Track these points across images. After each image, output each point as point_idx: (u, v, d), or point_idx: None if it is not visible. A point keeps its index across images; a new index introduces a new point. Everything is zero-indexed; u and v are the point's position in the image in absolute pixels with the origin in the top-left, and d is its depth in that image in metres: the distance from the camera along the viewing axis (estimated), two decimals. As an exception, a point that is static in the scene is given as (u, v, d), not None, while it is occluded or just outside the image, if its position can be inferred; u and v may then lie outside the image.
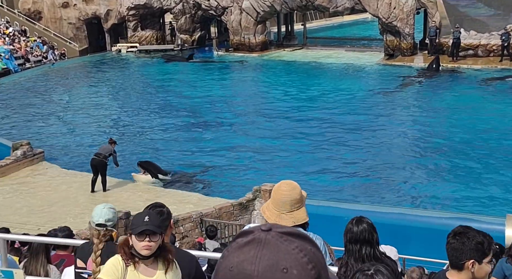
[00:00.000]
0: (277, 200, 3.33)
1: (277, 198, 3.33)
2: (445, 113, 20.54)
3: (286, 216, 3.29)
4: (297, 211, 3.33)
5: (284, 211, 3.30)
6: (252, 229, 1.25)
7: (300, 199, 3.35)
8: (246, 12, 34.60)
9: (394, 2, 29.36)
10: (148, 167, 15.22)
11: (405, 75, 26.70)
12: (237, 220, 12.36)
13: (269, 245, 1.20)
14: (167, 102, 24.49)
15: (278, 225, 1.25)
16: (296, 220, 3.30)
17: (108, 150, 14.27)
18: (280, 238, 1.21)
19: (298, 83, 26.81)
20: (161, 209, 3.86)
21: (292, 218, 3.29)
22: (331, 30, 43.67)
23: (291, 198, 3.29)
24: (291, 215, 3.29)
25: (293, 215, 3.30)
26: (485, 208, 12.44)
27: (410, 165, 15.60)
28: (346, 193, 13.98)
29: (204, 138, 19.13)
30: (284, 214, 3.30)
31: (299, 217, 3.31)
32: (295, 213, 3.31)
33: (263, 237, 1.21)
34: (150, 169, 15.16)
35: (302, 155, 16.86)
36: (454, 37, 27.45)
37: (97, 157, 14.20)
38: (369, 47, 34.76)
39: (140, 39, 38.30)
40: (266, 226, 1.24)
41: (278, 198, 3.33)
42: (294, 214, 3.30)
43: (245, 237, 1.23)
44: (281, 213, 3.30)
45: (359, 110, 21.33)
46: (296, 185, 3.39)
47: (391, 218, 8.39)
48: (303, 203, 3.38)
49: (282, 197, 3.31)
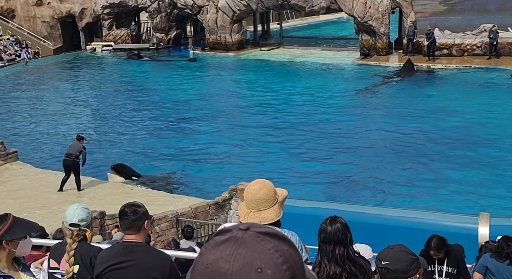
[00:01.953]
0: (246, 198, 3.36)
1: (246, 196, 3.36)
2: (419, 112, 20.77)
3: (254, 214, 3.30)
4: (265, 211, 3.31)
5: (252, 210, 3.31)
6: (231, 228, 1.25)
7: (268, 199, 3.32)
8: (222, 11, 34.53)
9: (370, 2, 29.59)
10: (121, 170, 15.17)
11: (380, 74, 26.94)
12: (213, 220, 12.33)
13: (245, 244, 1.21)
14: (141, 101, 24.33)
15: (256, 225, 1.26)
16: (263, 219, 3.28)
17: (78, 148, 14.02)
18: (257, 238, 1.22)
19: (274, 82, 26.86)
20: (135, 208, 3.82)
21: (259, 217, 3.29)
22: (307, 30, 43.83)
23: (256, 197, 3.29)
24: (258, 214, 3.29)
25: (261, 214, 3.29)
26: (459, 207, 12.61)
27: (385, 163, 15.74)
28: (322, 192, 14.05)
29: (179, 137, 19.05)
30: (252, 212, 3.31)
31: (266, 217, 3.30)
32: (263, 212, 3.30)
33: (240, 236, 1.22)
34: (123, 171, 15.09)
35: (279, 153, 16.89)
36: (428, 38, 27.77)
37: (68, 158, 13.97)
38: (345, 46, 34.96)
39: (115, 38, 37.95)
40: (244, 225, 1.25)
41: (246, 197, 3.36)
42: (262, 213, 3.30)
43: (222, 235, 1.24)
44: (250, 212, 3.31)
45: (334, 109, 21.47)
46: (266, 184, 3.36)
47: (366, 216, 8.46)
48: (273, 203, 3.34)
49: (250, 196, 3.33)
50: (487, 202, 12.81)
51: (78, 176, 14.06)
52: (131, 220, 3.74)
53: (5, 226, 3.23)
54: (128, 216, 3.75)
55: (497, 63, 26.64)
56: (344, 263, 3.64)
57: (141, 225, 3.76)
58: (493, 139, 17.08)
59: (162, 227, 11.75)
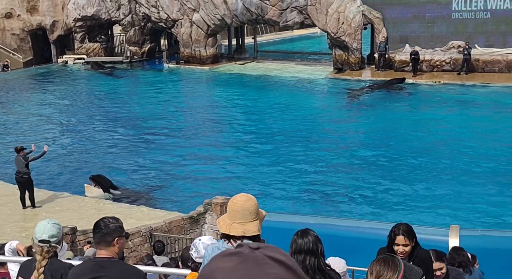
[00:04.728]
0: (231, 209, 3.35)
1: (231, 207, 3.36)
2: (390, 125, 21.04)
3: (237, 225, 3.29)
4: (249, 223, 3.32)
5: (236, 221, 3.30)
6: (243, 244, 1.25)
7: (253, 212, 3.34)
8: (197, 25, 34.60)
9: (342, 18, 29.99)
10: (99, 180, 15.03)
11: (352, 88, 27.23)
12: (188, 234, 12.22)
13: (248, 262, 1.19)
14: (115, 115, 24.13)
15: (269, 248, 1.24)
16: (246, 231, 3.30)
17: (21, 163, 13.58)
18: (263, 260, 1.19)
19: (248, 96, 26.93)
20: (108, 222, 3.75)
21: (242, 228, 3.29)
22: (281, 44, 44.17)
23: (243, 208, 3.30)
24: (242, 225, 3.29)
25: (245, 226, 3.30)
26: (430, 219, 12.75)
27: (357, 176, 15.85)
28: (295, 205, 14.06)
29: (152, 151, 18.91)
30: (236, 223, 3.30)
31: (249, 229, 3.31)
32: (247, 224, 3.31)
33: (247, 253, 1.21)
34: (101, 183, 14.96)
35: (254, 167, 16.89)
36: (413, 53, 28.17)
37: (17, 176, 13.62)
38: (318, 61, 35.30)
39: (88, 51, 37.68)
40: (255, 245, 1.23)
41: (232, 207, 3.35)
42: (246, 225, 3.30)
43: (233, 249, 1.23)
44: (233, 223, 3.30)
45: (308, 123, 21.60)
46: (252, 197, 3.40)
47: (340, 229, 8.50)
48: (256, 216, 3.36)
49: (236, 206, 3.33)
50: (457, 215, 12.99)
51: (31, 192, 13.69)
52: (102, 234, 3.67)
53: None
54: (99, 230, 3.69)
55: (466, 78, 27.22)
56: (314, 274, 3.64)
57: (111, 240, 3.69)
58: (465, 153, 17.36)
59: (136, 242, 11.60)
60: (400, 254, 4.61)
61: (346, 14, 29.88)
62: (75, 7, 36.73)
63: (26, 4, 37.69)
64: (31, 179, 13.68)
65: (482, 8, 28.14)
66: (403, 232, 4.68)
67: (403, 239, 4.65)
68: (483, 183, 14.93)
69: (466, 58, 27.63)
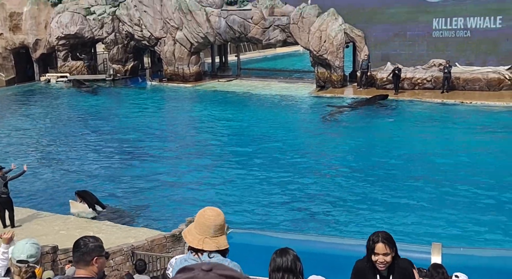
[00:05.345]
0: (202, 224, 3.37)
1: (202, 222, 3.38)
2: (371, 141, 21.20)
3: (210, 240, 3.34)
4: (220, 237, 3.38)
5: (208, 236, 3.34)
6: (193, 267, 1.25)
7: (223, 226, 3.43)
8: (180, 43, 34.74)
9: (324, 36, 30.32)
10: (85, 196, 14.90)
11: (335, 105, 27.44)
12: (170, 252, 12.14)
13: None
14: (97, 132, 24.01)
15: (219, 266, 1.25)
16: (219, 245, 3.35)
17: (0, 182, 13.40)
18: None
19: (231, 114, 27.00)
20: (87, 241, 3.75)
21: (215, 243, 3.34)
22: (264, 62, 44.45)
23: (215, 223, 3.35)
24: (215, 240, 3.34)
25: (217, 240, 3.35)
26: (413, 237, 12.81)
27: (338, 193, 15.89)
28: (276, 222, 14.04)
29: (135, 169, 18.82)
30: (208, 238, 3.34)
31: (221, 243, 3.37)
32: (219, 238, 3.36)
33: (201, 277, 1.21)
34: (87, 198, 14.82)
35: (235, 184, 16.87)
36: (396, 69, 28.54)
37: None
38: (301, 78, 35.56)
39: (71, 69, 37.59)
40: (207, 266, 1.24)
41: (202, 222, 3.37)
42: (217, 239, 3.35)
43: (184, 273, 1.23)
44: (205, 238, 3.34)
45: (291, 140, 21.68)
46: (221, 212, 3.44)
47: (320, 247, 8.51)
48: (224, 230, 3.46)
49: (207, 221, 3.36)
50: (439, 232, 13.08)
51: (11, 212, 13.52)
52: (81, 253, 3.67)
53: None
54: (79, 249, 3.69)
55: (447, 96, 27.58)
56: None
57: (90, 260, 3.68)
58: (445, 170, 17.52)
59: (117, 261, 11.49)
60: (380, 264, 4.26)
61: (328, 33, 30.22)
62: (58, 25, 36.69)
63: (9, 23, 37.57)
64: (10, 198, 13.52)
65: (462, 27, 28.65)
66: (383, 240, 4.25)
67: (383, 247, 4.23)
68: (464, 200, 15.07)
69: (447, 76, 28.07)
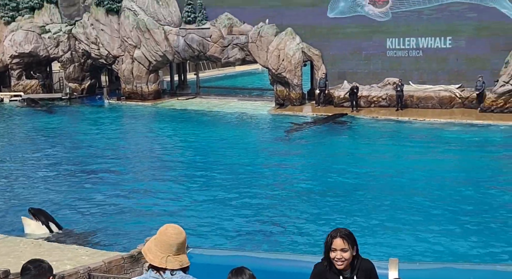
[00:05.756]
0: (164, 242, 3.39)
1: (164, 240, 3.39)
2: (329, 158, 21.46)
3: (172, 258, 3.36)
4: (182, 255, 3.41)
5: (171, 254, 3.36)
6: None
7: (184, 243, 3.47)
8: (138, 61, 34.56)
9: (283, 55, 30.72)
10: (39, 214, 14.47)
11: (294, 123, 27.71)
12: (128, 274, 11.93)
13: None
14: (52, 153, 23.53)
15: None
16: (182, 263, 3.38)
17: None
18: None
19: (191, 132, 26.93)
20: (39, 263, 3.67)
21: (179, 261, 3.38)
22: (224, 80, 44.61)
23: (178, 241, 3.38)
24: (177, 257, 3.37)
25: (180, 259, 3.37)
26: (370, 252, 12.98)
27: (297, 210, 15.97)
28: (232, 241, 13.99)
29: (91, 189, 18.48)
30: (171, 256, 3.35)
31: (184, 261, 3.41)
32: (181, 256, 3.39)
33: None
34: (41, 217, 14.41)
35: (194, 203, 16.78)
36: (354, 87, 29.10)
37: None
38: (261, 96, 35.84)
39: (25, 88, 36.85)
40: None
41: (165, 240, 3.39)
42: (180, 257, 3.38)
43: None
44: (168, 256, 3.35)
45: (251, 158, 21.74)
46: (182, 230, 3.46)
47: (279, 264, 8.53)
48: (185, 248, 3.48)
49: (170, 239, 3.38)
50: (395, 248, 13.29)
51: None
52: (30, 277, 3.59)
53: None
54: (29, 272, 3.61)
55: (401, 114, 28.29)
56: None
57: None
58: (401, 186, 17.87)
59: (73, 284, 11.21)
60: (338, 261, 4.03)
61: (286, 51, 30.63)
62: (11, 44, 36.00)
63: (-39, 40, 36.70)
64: None
65: (415, 46, 29.54)
66: (342, 235, 4.07)
67: (341, 242, 4.03)
68: (420, 215, 15.37)
69: (399, 95, 28.85)
